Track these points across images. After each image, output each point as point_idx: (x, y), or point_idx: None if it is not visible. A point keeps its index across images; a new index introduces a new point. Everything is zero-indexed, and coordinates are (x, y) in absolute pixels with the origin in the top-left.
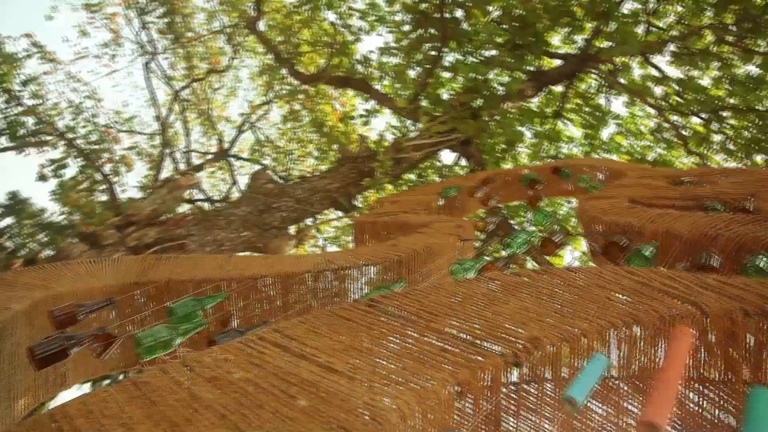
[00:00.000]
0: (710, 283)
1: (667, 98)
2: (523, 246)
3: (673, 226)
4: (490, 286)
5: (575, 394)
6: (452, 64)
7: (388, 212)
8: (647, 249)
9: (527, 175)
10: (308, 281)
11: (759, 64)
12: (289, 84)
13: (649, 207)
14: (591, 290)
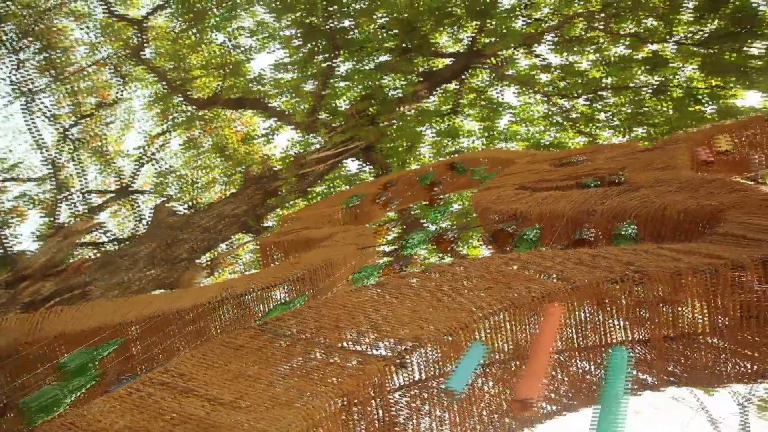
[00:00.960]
0: (581, 257)
1: (553, 84)
2: (420, 245)
3: (555, 207)
4: (377, 292)
5: (453, 384)
6: (346, 73)
7: (291, 230)
8: (531, 233)
9: (424, 175)
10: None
11: (627, 45)
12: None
13: (535, 191)
14: (474, 281)
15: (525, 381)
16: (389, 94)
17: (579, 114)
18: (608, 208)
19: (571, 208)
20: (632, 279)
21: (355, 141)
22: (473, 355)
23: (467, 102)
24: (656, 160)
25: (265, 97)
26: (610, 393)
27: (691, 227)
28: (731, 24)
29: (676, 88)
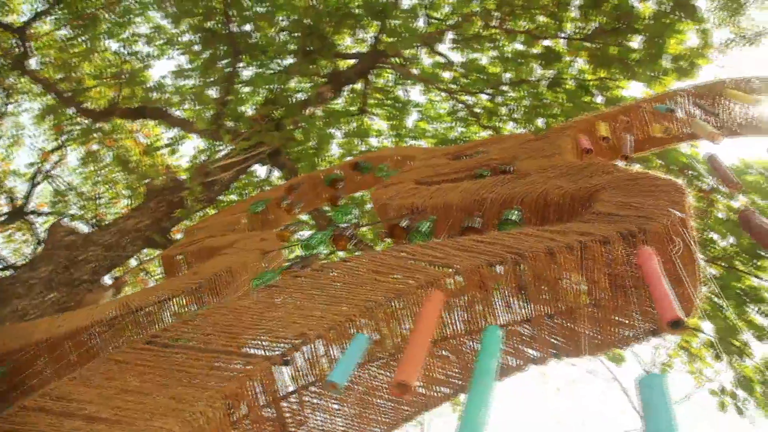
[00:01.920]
0: (465, 244)
1: (456, 81)
2: (321, 245)
3: (447, 198)
4: (267, 294)
5: (336, 378)
6: (249, 78)
7: (194, 240)
8: (424, 225)
9: (328, 175)
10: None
11: (522, 41)
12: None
13: (431, 185)
14: (363, 275)
15: (403, 366)
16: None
17: (482, 109)
18: (497, 196)
19: (462, 198)
20: (511, 260)
21: (261, 146)
22: (355, 348)
23: (374, 102)
24: (544, 148)
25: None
26: (482, 370)
27: (572, 208)
28: (612, 20)
29: (569, 81)
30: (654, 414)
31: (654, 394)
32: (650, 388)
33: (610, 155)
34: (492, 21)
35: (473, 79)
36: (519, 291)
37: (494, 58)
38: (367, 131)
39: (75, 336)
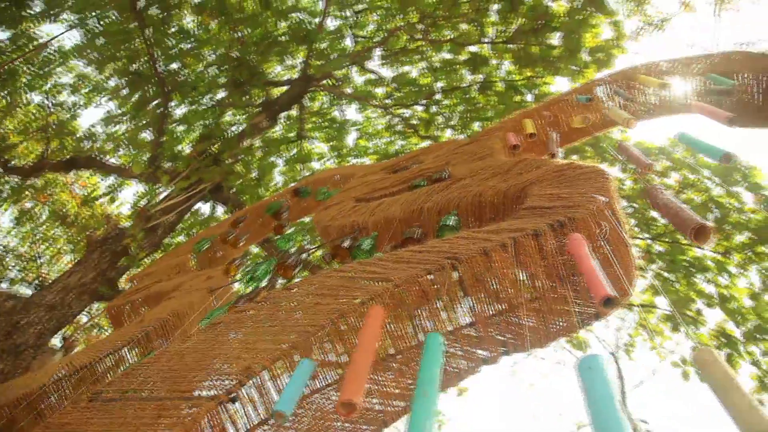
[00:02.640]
0: (403, 256)
1: (390, 96)
2: (266, 276)
3: (387, 213)
4: (210, 333)
5: (282, 407)
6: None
7: (139, 288)
8: (365, 242)
9: (269, 205)
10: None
11: (448, 50)
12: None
13: (370, 201)
14: (305, 301)
15: (347, 385)
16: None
17: (419, 120)
18: (434, 204)
19: (401, 211)
20: (448, 266)
21: (201, 184)
22: (300, 375)
23: (312, 126)
24: (476, 151)
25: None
26: (424, 378)
27: (507, 206)
28: (530, 21)
29: (498, 83)
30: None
31: (594, 375)
32: (590, 369)
33: (539, 150)
34: (417, 34)
35: (406, 91)
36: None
37: (424, 69)
38: (309, 156)
39: (17, 404)
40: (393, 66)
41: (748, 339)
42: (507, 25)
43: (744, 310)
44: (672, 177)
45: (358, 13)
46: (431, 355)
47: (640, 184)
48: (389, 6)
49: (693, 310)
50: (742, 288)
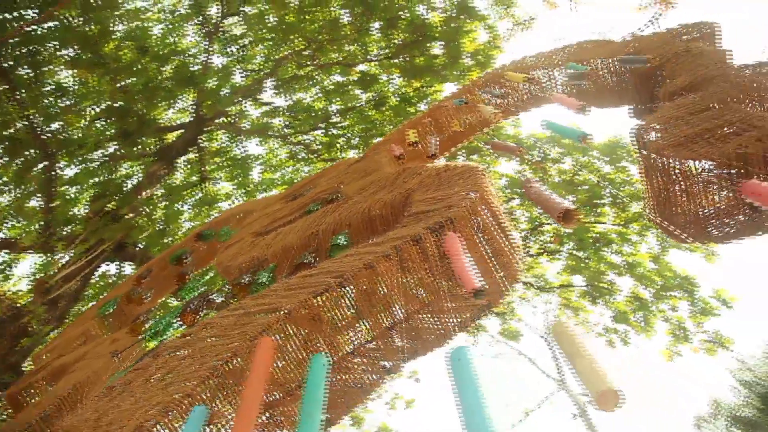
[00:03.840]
0: (292, 283)
1: (288, 124)
2: (170, 327)
3: (286, 242)
4: (106, 399)
5: None
6: (73, 176)
7: (40, 368)
8: (262, 276)
9: (172, 254)
10: None
11: (339, 72)
12: None
13: (269, 233)
14: (198, 345)
15: (237, 423)
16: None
17: (320, 144)
18: (327, 226)
19: (298, 238)
20: (335, 285)
21: (102, 244)
22: (192, 422)
23: (213, 166)
24: (365, 168)
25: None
26: (309, 399)
27: (395, 216)
28: (411, 34)
29: (391, 98)
30: (463, 384)
31: (462, 365)
32: (458, 360)
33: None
34: (304, 60)
35: (303, 118)
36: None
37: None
38: (216, 197)
39: None
40: (286, 95)
41: (657, 298)
42: (389, 41)
43: (649, 273)
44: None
45: (244, 48)
46: (315, 375)
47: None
48: (273, 36)
49: (606, 281)
50: (645, 253)
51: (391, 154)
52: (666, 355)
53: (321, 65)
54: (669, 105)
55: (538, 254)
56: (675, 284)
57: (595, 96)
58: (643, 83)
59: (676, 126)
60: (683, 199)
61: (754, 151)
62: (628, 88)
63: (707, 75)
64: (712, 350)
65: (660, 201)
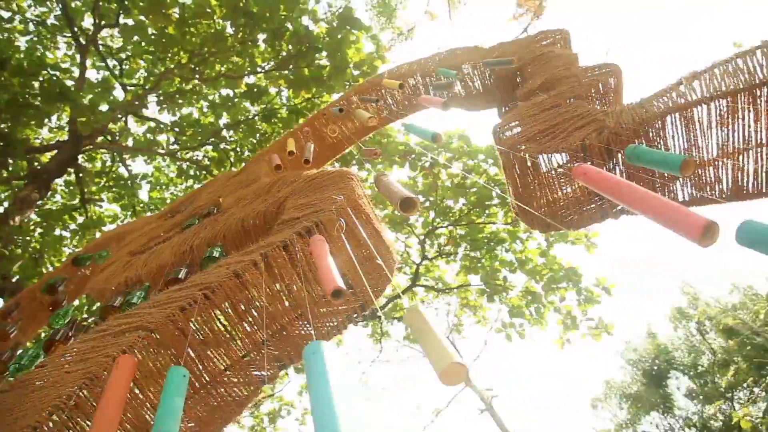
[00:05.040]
0: (160, 299)
1: (176, 140)
2: (35, 360)
3: (161, 260)
4: None
5: None
6: None
7: None
8: (134, 296)
9: (44, 283)
10: None
11: (226, 85)
12: None
13: (144, 252)
14: (54, 373)
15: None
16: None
17: (210, 160)
18: (202, 240)
19: (173, 255)
20: (201, 297)
21: None
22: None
23: (96, 188)
24: (245, 179)
25: None
26: (163, 412)
27: (269, 225)
28: (296, 46)
29: (281, 109)
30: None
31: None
32: (314, 354)
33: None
34: (188, 73)
35: (191, 133)
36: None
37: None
38: (100, 220)
39: None
40: (172, 110)
41: (547, 291)
42: (275, 53)
43: (539, 268)
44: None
45: (123, 62)
46: (172, 388)
47: (429, 179)
48: (154, 50)
49: (500, 278)
50: (534, 249)
51: (271, 164)
52: (559, 343)
53: (206, 79)
54: (524, 104)
55: (435, 257)
56: (562, 276)
57: (466, 99)
58: (507, 86)
59: (528, 123)
60: (539, 190)
61: (593, 142)
62: (494, 91)
63: (558, 76)
64: (598, 335)
65: (519, 193)
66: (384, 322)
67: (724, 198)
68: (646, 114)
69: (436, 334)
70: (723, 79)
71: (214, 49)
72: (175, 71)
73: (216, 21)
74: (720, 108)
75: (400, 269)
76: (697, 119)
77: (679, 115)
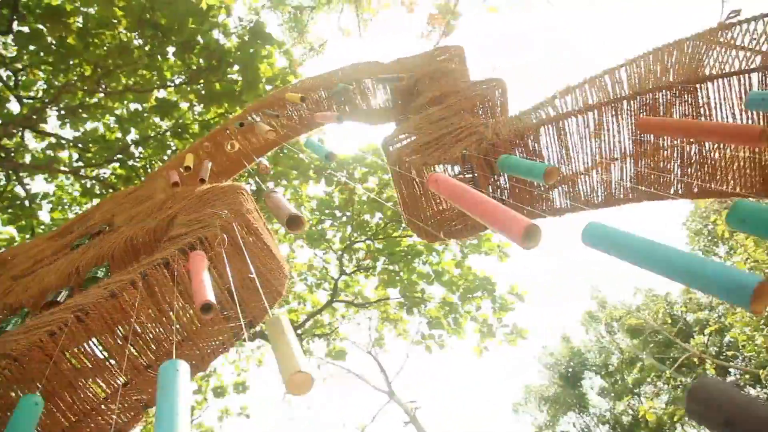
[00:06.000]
0: (29, 325)
1: (80, 158)
2: None
3: (43, 284)
4: None
5: None
6: None
7: None
8: (9, 323)
9: None
10: None
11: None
12: None
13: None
14: None
15: None
16: None
17: (117, 177)
18: (89, 260)
19: (57, 277)
20: (73, 320)
21: None
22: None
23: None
24: (140, 196)
25: None
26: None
27: (158, 242)
28: (206, 59)
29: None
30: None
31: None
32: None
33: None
34: (92, 86)
35: (96, 149)
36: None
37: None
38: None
39: None
40: (75, 125)
41: (464, 301)
42: (185, 66)
43: (455, 278)
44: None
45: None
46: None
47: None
48: (53, 60)
49: (418, 291)
50: (449, 261)
51: (169, 180)
52: (477, 351)
53: (112, 92)
54: (413, 117)
55: (353, 272)
56: (477, 286)
57: (367, 114)
58: (407, 100)
59: (415, 136)
60: (426, 202)
61: (473, 153)
62: (395, 105)
63: (448, 90)
64: (514, 341)
65: (408, 205)
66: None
67: (597, 205)
68: (522, 126)
69: (291, 344)
70: (591, 93)
71: (120, 62)
72: (78, 84)
73: (121, 32)
74: (587, 121)
75: (319, 285)
76: (568, 131)
77: (552, 126)
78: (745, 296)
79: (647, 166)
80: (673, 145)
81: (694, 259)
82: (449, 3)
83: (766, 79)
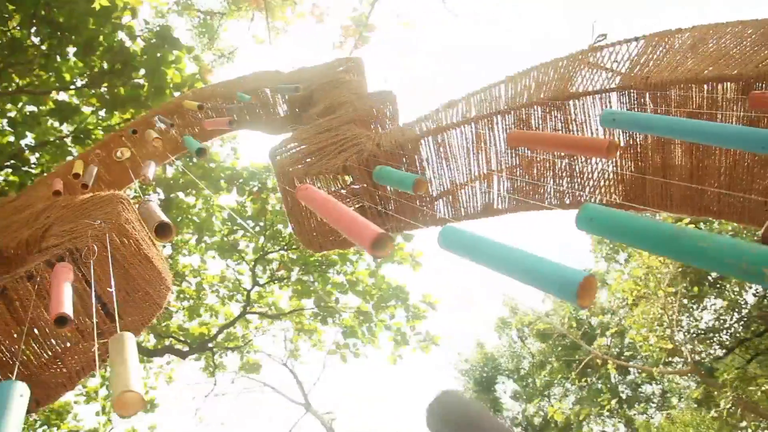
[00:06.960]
0: None
1: None
2: None
3: None
4: None
5: None
6: None
7: None
8: None
9: None
10: None
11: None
12: None
13: None
14: None
15: None
16: None
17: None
18: None
19: None
20: None
21: None
22: None
23: None
24: (20, 205)
25: None
26: None
27: (30, 254)
28: (110, 62)
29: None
30: None
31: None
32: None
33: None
34: None
35: None
36: None
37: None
38: None
39: None
40: None
41: (378, 310)
42: (87, 68)
43: (369, 288)
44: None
45: None
46: None
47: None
48: None
49: (333, 301)
50: (363, 270)
51: (53, 187)
52: (391, 360)
53: (3, 93)
54: (303, 127)
55: (267, 283)
56: (390, 295)
57: (266, 123)
58: (303, 110)
59: (301, 146)
60: (310, 213)
61: (354, 164)
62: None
63: (340, 101)
64: (427, 348)
65: (294, 215)
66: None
67: (477, 215)
68: (403, 138)
69: (127, 362)
70: (472, 107)
71: (12, 60)
72: None
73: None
74: (465, 133)
75: (232, 297)
76: (448, 143)
77: (431, 139)
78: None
79: (523, 179)
80: (545, 159)
81: (531, 258)
82: (362, 15)
83: (623, 98)
